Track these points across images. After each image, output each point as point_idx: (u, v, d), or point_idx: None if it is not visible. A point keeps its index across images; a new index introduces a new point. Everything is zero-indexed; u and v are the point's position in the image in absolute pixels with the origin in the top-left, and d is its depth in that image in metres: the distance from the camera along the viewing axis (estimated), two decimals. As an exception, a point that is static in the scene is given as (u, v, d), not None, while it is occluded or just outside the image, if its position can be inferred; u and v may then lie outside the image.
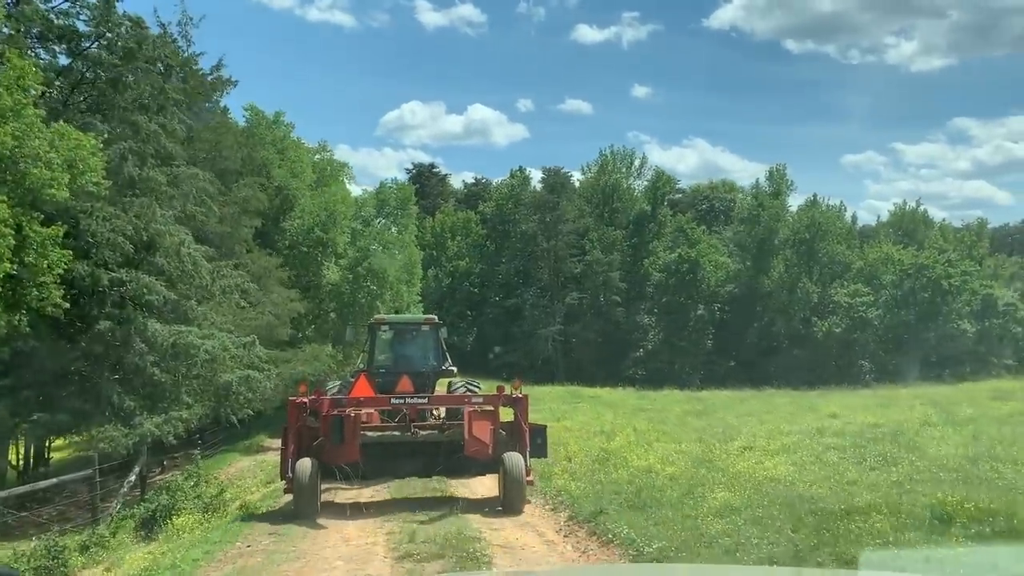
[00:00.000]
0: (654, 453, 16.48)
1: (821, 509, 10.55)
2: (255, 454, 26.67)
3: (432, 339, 18.81)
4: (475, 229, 67.83)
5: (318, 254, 31.11)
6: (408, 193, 37.66)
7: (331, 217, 30.95)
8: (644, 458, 15.61)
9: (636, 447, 17.68)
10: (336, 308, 33.50)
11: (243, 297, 25.90)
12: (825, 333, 61.63)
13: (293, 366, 27.16)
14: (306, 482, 12.21)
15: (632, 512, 11.52)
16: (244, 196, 26.88)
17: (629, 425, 24.53)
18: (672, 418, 28.01)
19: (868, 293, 62.31)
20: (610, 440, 20.56)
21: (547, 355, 64.92)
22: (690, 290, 65.39)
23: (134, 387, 18.42)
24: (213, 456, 26.39)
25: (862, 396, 34.28)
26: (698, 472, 13.74)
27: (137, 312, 18.59)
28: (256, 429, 31.96)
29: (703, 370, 65.33)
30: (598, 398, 39.13)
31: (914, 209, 73.03)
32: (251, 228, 27.62)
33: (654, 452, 16.63)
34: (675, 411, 30.48)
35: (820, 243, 64.43)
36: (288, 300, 27.73)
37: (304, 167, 31.97)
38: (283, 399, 30.72)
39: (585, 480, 14.15)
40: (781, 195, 66.19)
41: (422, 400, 14.10)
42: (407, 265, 36.36)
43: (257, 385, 20.64)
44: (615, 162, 68.27)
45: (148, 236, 18.55)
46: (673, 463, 14.77)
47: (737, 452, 15.61)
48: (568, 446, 18.72)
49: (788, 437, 17.21)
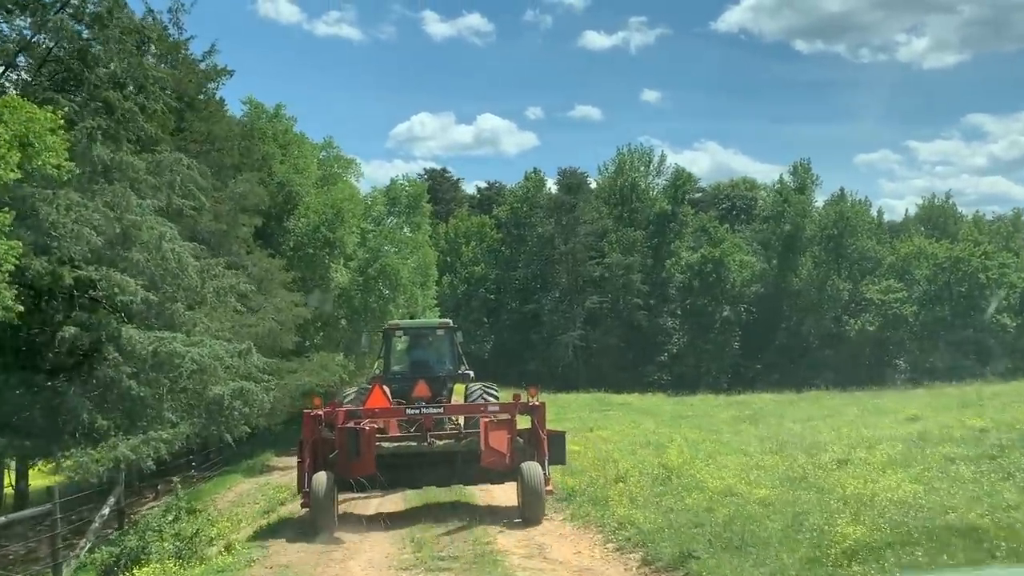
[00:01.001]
0: (726, 470, 13.47)
1: (1000, 549, 7.58)
2: (259, 475, 23.74)
3: (447, 343, 18.40)
4: (490, 234, 64.92)
5: (325, 256, 28.28)
6: (421, 190, 34.63)
7: (338, 215, 28.14)
8: (717, 476, 12.61)
9: (698, 462, 14.67)
10: (347, 314, 30.65)
11: (241, 301, 23.19)
12: (859, 331, 58.25)
13: (299, 377, 24.32)
14: (322, 496, 11.92)
15: (731, 555, 8.54)
16: (241, 192, 24.10)
17: (677, 434, 21.49)
18: (721, 425, 24.97)
19: (901, 289, 58.91)
20: (661, 453, 17.55)
21: (567, 362, 61.85)
22: (714, 291, 62.29)
23: (108, 403, 15.58)
24: (212, 479, 23.51)
25: (919, 396, 31.05)
26: (796, 494, 10.71)
27: (110, 316, 15.78)
28: (262, 447, 29.07)
29: (730, 373, 62.18)
30: (629, 405, 36.06)
31: (943, 202, 69.54)
32: (251, 227, 24.83)
33: (726, 468, 13.62)
34: (721, 417, 27.44)
35: (849, 238, 61.16)
36: (293, 305, 24.88)
37: (308, 163, 29.19)
38: (290, 413, 27.92)
39: (651, 507, 11.17)
40: (807, 190, 62.94)
41: (438, 410, 13.76)
42: (421, 267, 33.42)
43: (254, 398, 17.72)
44: (633, 161, 65.30)
45: (122, 228, 15.73)
46: (757, 483, 11.75)
47: (832, 466, 12.55)
48: (617, 462, 15.72)
49: (885, 446, 14.12)
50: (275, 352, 24.46)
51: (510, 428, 12.53)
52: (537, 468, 12.28)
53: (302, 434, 12.77)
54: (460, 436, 13.66)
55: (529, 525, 11.89)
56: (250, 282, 24.66)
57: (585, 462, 16.43)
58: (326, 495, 11.95)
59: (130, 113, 17.28)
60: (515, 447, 12.48)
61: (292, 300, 24.95)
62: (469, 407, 14.75)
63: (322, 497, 11.91)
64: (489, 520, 12.33)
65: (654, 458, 16.49)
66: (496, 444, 12.20)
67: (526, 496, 12.16)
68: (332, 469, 12.29)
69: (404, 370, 17.83)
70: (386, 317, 30.41)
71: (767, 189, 69.06)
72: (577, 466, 16.11)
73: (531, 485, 12.07)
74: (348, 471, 12.22)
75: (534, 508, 12.14)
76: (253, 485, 21.56)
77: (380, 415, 13.14)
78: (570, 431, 25.71)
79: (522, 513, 12.28)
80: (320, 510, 11.97)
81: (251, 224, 24.91)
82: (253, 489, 21.05)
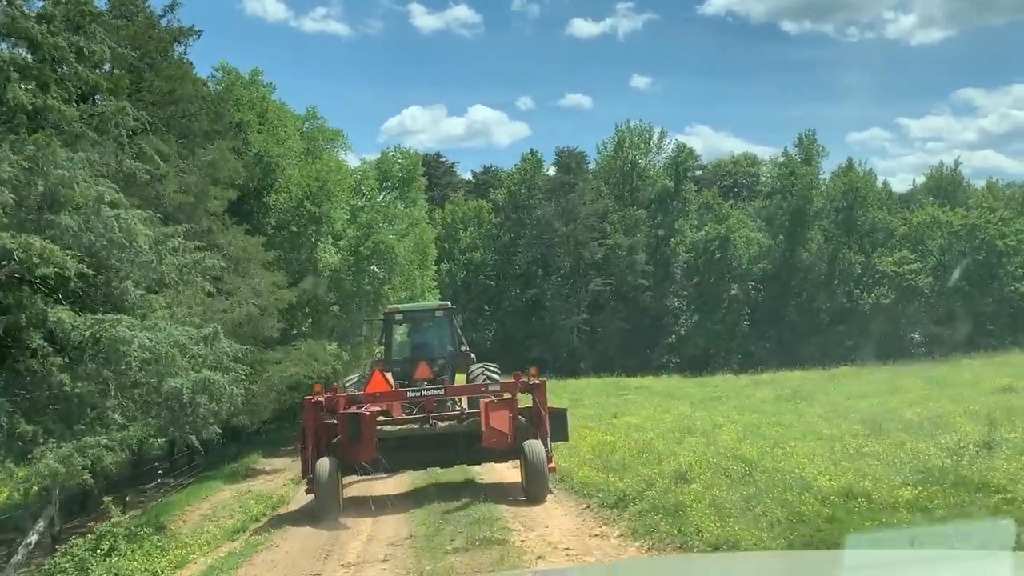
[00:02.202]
0: (819, 460, 10.25)
1: None
2: (243, 480, 20.46)
3: (447, 325, 18.47)
4: (487, 218, 61.47)
5: (311, 233, 24.93)
6: (415, 161, 30.82)
7: (323, 188, 24.78)
8: (817, 470, 9.39)
9: (777, 450, 11.46)
10: (338, 299, 27.32)
11: (215, 284, 19.96)
12: (873, 305, 55.10)
13: (285, 368, 21.05)
14: (326, 481, 11.86)
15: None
16: (212, 160, 20.75)
17: (720, 417, 18.34)
18: (763, 405, 21.78)
19: (915, 260, 55.77)
20: (713, 440, 14.37)
21: (572, 347, 58.65)
22: (721, 269, 59.11)
23: (35, 404, 12.30)
24: (187, 487, 20.26)
25: (969, 366, 27.86)
26: (959, 495, 7.51)
27: (35, 296, 12.50)
28: (249, 447, 25.82)
29: (739, 353, 59.00)
30: (648, 388, 32.87)
31: (952, 170, 66.31)
32: (224, 201, 21.46)
33: (818, 459, 10.39)
34: (759, 397, 24.23)
35: (859, 210, 57.91)
36: (275, 287, 21.55)
37: (289, 133, 25.83)
38: (276, 409, 24.64)
39: (749, 519, 7.96)
40: (813, 162, 59.67)
41: (438, 392, 13.70)
42: (419, 245, 29.98)
43: (220, 392, 14.41)
44: (632, 139, 61.88)
45: (46, 186, 12.44)
46: (884, 479, 8.51)
47: (974, 451, 9.30)
48: (667, 454, 12.51)
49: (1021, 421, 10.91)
50: (256, 340, 21.24)
51: (511, 407, 12.42)
52: (539, 446, 12.12)
53: (304, 421, 12.77)
54: (462, 417, 13.46)
55: (534, 503, 11.72)
56: (225, 262, 21.52)
57: (625, 455, 13.24)
58: (330, 480, 11.87)
59: (61, 51, 13.92)
60: (517, 426, 12.34)
61: (274, 281, 21.63)
62: (470, 388, 14.65)
63: (326, 482, 11.80)
64: (518, 526, 9.32)
65: (708, 446, 13.31)
66: (497, 424, 12.04)
67: (529, 474, 12.03)
68: (335, 454, 12.17)
69: (405, 353, 17.89)
70: (381, 301, 27.14)
71: (771, 164, 65.75)
72: (616, 461, 12.94)
73: (534, 463, 11.94)
74: (351, 456, 12.11)
75: (538, 485, 12.01)
76: (233, 494, 18.26)
77: (381, 399, 12.95)
78: (592, 418, 22.51)
79: (526, 491, 12.12)
80: (325, 495, 11.84)
81: (224, 198, 21.57)
82: (233, 498, 17.78)
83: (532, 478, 11.96)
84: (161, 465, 25.39)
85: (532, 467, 11.92)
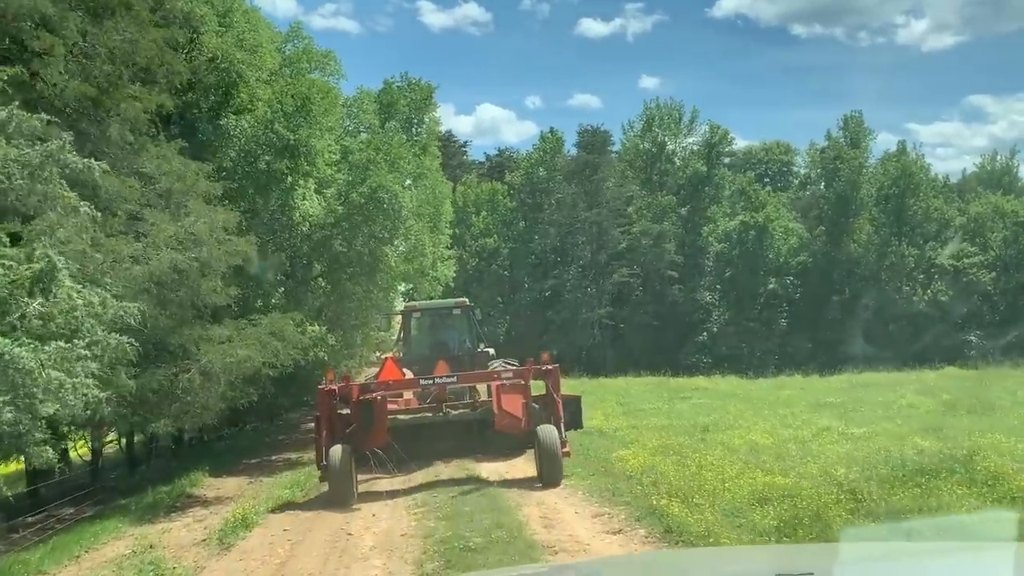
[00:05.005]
0: None
1: None
2: (162, 517, 12.95)
3: (465, 321, 18.58)
4: (503, 202, 54.01)
5: (285, 170, 17.61)
6: (427, 93, 22.67)
7: (303, 109, 17.54)
8: None
9: None
10: (326, 265, 19.98)
11: (129, 225, 13.00)
12: (929, 302, 47.62)
13: (231, 349, 13.64)
14: (339, 467, 11.45)
15: None
16: (127, 41, 13.47)
17: (899, 430, 11.00)
18: (921, 415, 14.43)
19: (976, 253, 48.32)
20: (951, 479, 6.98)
21: (594, 343, 51.28)
22: (757, 261, 51.68)
23: None
24: (78, 525, 12.78)
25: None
26: None
27: None
28: (196, 461, 18.40)
29: (777, 354, 51.49)
30: (707, 390, 25.54)
31: (1007, 160, 58.82)
32: (150, 105, 14.15)
33: None
34: (900, 403, 16.88)
35: (911, 199, 50.44)
36: (224, 233, 14.14)
37: (260, 40, 18.59)
38: (224, 408, 17.24)
39: None
40: (861, 145, 52.21)
41: (451, 379, 12.86)
42: (430, 199, 22.45)
43: (60, 387, 7.10)
44: (662, 118, 54.48)
45: None
46: None
47: None
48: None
49: None
50: (195, 308, 14.01)
51: (524, 392, 12.25)
52: (552, 430, 11.72)
53: (318, 410, 12.70)
54: (475, 405, 13.34)
55: (548, 487, 11.34)
56: (152, 195, 14.44)
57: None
58: (343, 466, 11.52)
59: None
60: (530, 412, 12.10)
61: (222, 225, 14.23)
62: (482, 375, 14.15)
63: (339, 468, 11.46)
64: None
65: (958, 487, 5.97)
66: (509, 407, 11.95)
67: (543, 458, 11.68)
68: (348, 442, 11.79)
69: (424, 351, 17.45)
70: (379, 267, 19.72)
71: (812, 149, 58.22)
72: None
73: (547, 447, 11.57)
74: (363, 443, 11.97)
75: (552, 470, 11.57)
76: (134, 544, 10.77)
77: (393, 387, 12.63)
78: (670, 430, 15.29)
79: (540, 476, 11.77)
80: (338, 481, 11.51)
81: (151, 102, 14.25)
82: (132, 552, 10.37)
83: (546, 462, 11.63)
84: (81, 481, 17.80)
85: (546, 451, 11.59)
